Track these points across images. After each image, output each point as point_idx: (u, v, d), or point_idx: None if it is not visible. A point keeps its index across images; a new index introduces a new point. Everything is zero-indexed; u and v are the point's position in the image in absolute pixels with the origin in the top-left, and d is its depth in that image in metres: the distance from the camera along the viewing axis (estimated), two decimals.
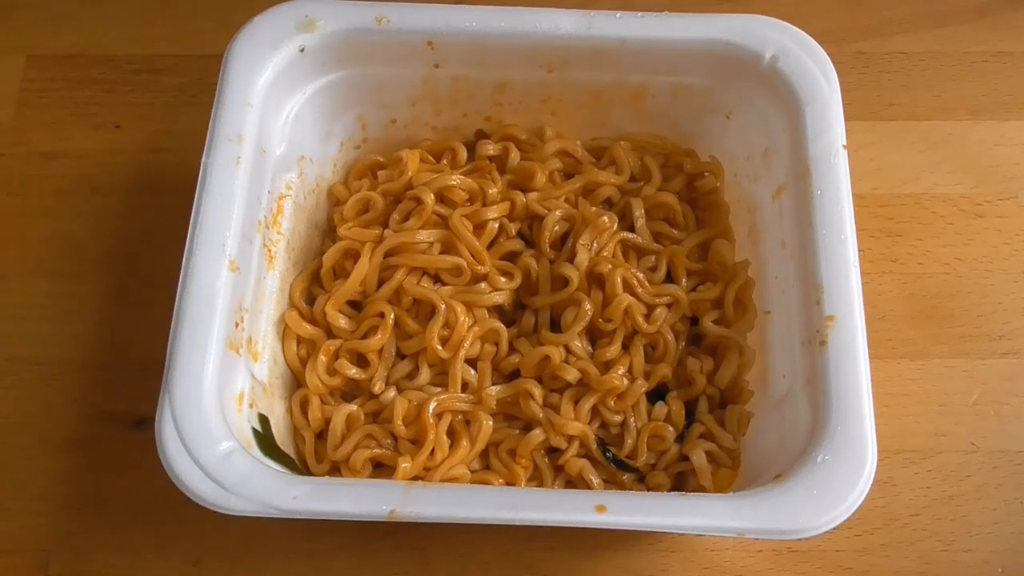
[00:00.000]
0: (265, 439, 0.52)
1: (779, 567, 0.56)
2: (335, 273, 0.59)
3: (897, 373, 0.61)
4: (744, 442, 0.55)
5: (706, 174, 0.62)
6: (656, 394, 0.57)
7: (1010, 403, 0.61)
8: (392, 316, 0.56)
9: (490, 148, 0.62)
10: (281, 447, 0.53)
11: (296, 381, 0.57)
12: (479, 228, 0.59)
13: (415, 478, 0.53)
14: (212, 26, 0.71)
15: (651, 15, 0.56)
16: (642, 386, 0.56)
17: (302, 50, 0.56)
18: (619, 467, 0.55)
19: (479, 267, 0.58)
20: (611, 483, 0.55)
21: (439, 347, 0.55)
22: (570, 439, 0.55)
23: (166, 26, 0.72)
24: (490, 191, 0.59)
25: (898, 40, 0.72)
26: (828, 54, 0.55)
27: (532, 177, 0.60)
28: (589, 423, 0.55)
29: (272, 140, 0.56)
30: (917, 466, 0.59)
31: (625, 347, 0.57)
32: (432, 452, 0.54)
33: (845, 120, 0.54)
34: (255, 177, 0.53)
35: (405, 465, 0.53)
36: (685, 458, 0.55)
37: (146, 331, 0.60)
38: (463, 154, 0.62)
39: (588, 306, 0.56)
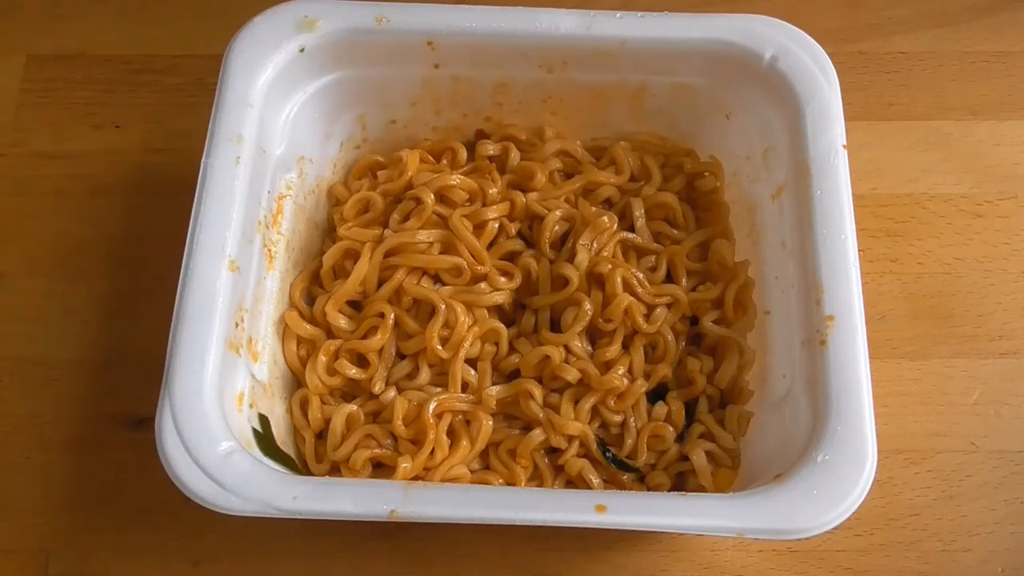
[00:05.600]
0: (265, 439, 0.52)
1: (779, 567, 0.56)
2: (335, 273, 0.59)
3: (897, 373, 0.61)
4: (744, 442, 0.55)
5: (706, 174, 0.62)
6: (656, 394, 0.57)
7: (1010, 403, 0.61)
8: (392, 316, 0.56)
9: (490, 148, 0.62)
10: (281, 447, 0.53)
11: (296, 381, 0.57)
12: (479, 228, 0.59)
13: (415, 478, 0.53)
14: (212, 26, 0.71)
15: (651, 15, 0.56)
16: (642, 386, 0.56)
17: (302, 50, 0.56)
18: (619, 467, 0.55)
19: (479, 267, 0.58)
20: (611, 483, 0.55)
21: (439, 347, 0.55)
22: (570, 439, 0.55)
23: (166, 26, 0.72)
24: (490, 191, 0.59)
25: (898, 40, 0.72)
26: (828, 54, 0.55)
27: (532, 177, 0.60)
28: (589, 423, 0.55)
29: (272, 140, 0.56)
30: (917, 466, 0.59)
31: (625, 347, 0.57)
32: (432, 452, 0.54)
33: (845, 120, 0.54)
34: (255, 177, 0.53)
35: (405, 465, 0.53)
36: (685, 458, 0.55)
37: (146, 331, 0.60)
38: (463, 154, 0.62)
39: (588, 306, 0.56)
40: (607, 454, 0.55)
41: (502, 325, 0.57)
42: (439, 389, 0.56)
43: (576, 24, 0.56)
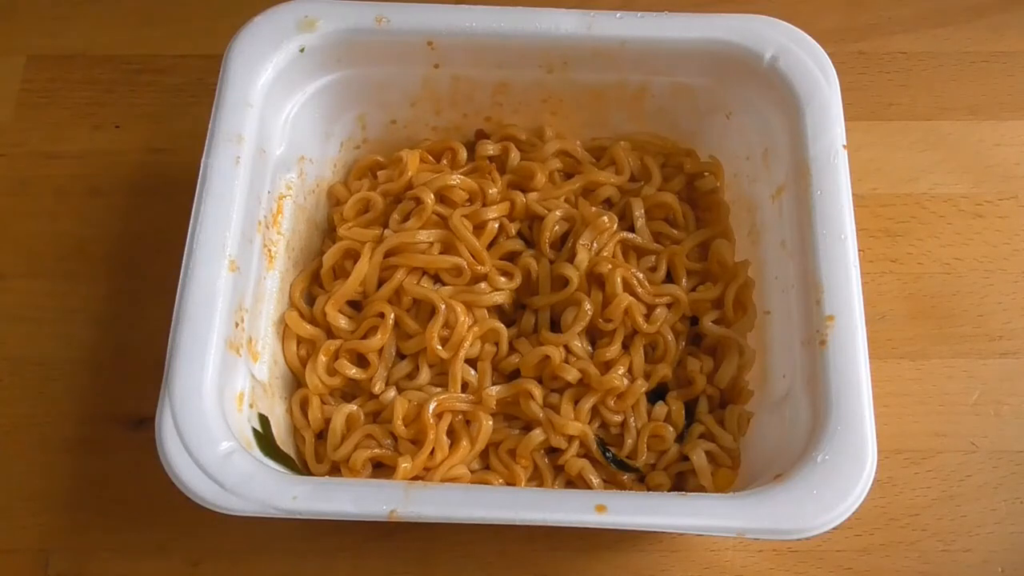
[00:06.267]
0: (265, 439, 0.52)
1: (779, 567, 0.56)
2: (335, 273, 0.59)
3: (897, 373, 0.61)
4: (744, 442, 0.55)
5: (706, 174, 0.62)
6: (656, 394, 0.57)
7: (1010, 403, 0.61)
8: (392, 316, 0.56)
9: (490, 148, 0.62)
10: (281, 447, 0.53)
11: (296, 381, 0.57)
12: (479, 228, 0.59)
13: (415, 478, 0.53)
14: (212, 26, 0.71)
15: (651, 15, 0.56)
16: (642, 386, 0.56)
17: (302, 50, 0.56)
18: (619, 467, 0.55)
19: (479, 267, 0.58)
20: (611, 483, 0.55)
21: (439, 347, 0.55)
22: (570, 439, 0.55)
23: (166, 26, 0.72)
24: (490, 191, 0.59)
25: (898, 40, 0.72)
26: (828, 54, 0.55)
27: (532, 177, 0.60)
28: (589, 423, 0.55)
29: (272, 140, 0.56)
30: (917, 466, 0.59)
31: (625, 347, 0.57)
32: (432, 452, 0.54)
33: (845, 120, 0.54)
34: (255, 177, 0.53)
35: (405, 465, 0.53)
36: (685, 458, 0.55)
37: (146, 331, 0.60)
38: (463, 154, 0.62)
39: (588, 306, 0.56)
40: (607, 454, 0.55)
41: (502, 325, 0.57)
42: (439, 389, 0.56)
43: (576, 24, 0.56)
